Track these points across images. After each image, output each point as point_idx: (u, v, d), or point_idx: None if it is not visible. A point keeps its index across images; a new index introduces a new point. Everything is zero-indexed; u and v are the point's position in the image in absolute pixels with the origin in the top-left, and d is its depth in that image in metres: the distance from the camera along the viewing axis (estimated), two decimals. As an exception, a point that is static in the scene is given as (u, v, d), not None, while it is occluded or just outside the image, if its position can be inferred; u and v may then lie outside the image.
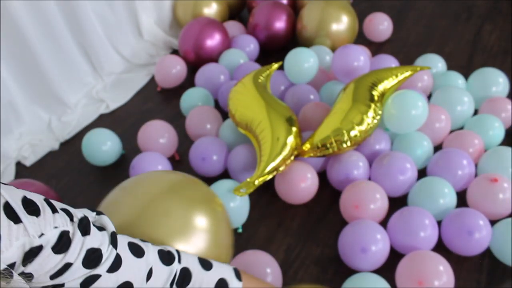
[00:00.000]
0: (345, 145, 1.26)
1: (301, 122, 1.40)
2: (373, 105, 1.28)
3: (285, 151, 1.23)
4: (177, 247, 0.76)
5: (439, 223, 1.13)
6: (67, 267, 0.56)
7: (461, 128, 1.40)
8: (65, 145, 1.67)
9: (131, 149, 1.55)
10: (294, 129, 1.27)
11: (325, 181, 1.33)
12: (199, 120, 1.49)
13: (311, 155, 1.28)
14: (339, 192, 1.27)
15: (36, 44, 1.62)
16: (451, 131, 1.36)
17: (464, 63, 1.72)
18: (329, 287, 1.07)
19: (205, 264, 0.74)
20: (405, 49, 1.85)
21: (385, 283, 1.00)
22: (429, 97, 1.53)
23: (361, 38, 1.91)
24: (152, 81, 1.91)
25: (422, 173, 1.28)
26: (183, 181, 0.90)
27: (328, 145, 1.25)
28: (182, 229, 0.80)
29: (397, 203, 1.22)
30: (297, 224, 1.27)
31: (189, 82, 1.81)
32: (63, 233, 0.56)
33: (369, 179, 1.29)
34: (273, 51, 1.92)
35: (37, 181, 1.31)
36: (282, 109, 1.31)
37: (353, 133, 1.25)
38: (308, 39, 1.82)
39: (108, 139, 1.49)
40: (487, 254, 1.11)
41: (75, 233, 0.57)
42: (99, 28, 1.85)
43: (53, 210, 0.57)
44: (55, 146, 1.65)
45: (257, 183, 1.20)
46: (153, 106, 1.79)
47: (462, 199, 1.20)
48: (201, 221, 0.83)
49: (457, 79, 1.50)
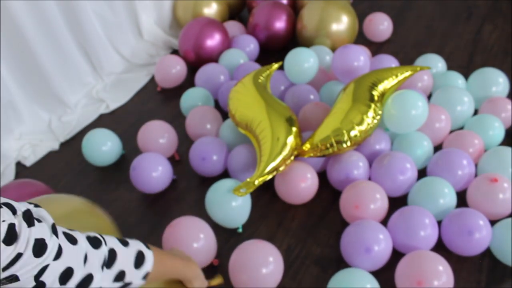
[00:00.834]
0: (345, 145, 1.25)
1: (301, 122, 1.40)
2: (373, 105, 1.28)
3: (285, 151, 1.23)
4: None
5: (439, 223, 1.13)
6: (18, 257, 0.59)
7: (461, 128, 1.40)
8: (65, 145, 1.67)
9: (131, 149, 1.55)
10: (294, 129, 1.26)
11: (325, 181, 1.33)
12: (199, 120, 1.49)
13: (311, 155, 1.28)
14: (339, 192, 1.27)
15: (36, 44, 1.62)
16: (451, 131, 1.36)
17: (464, 63, 1.72)
18: None
19: (123, 242, 0.79)
20: (405, 49, 1.85)
21: (371, 278, 1.01)
22: (429, 97, 1.53)
23: (361, 38, 1.91)
24: (152, 81, 1.91)
25: (422, 173, 1.28)
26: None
27: (328, 145, 1.25)
28: None
29: (397, 203, 1.22)
30: (297, 224, 1.27)
31: (189, 82, 1.81)
32: (10, 226, 0.59)
33: (369, 179, 1.29)
34: (273, 51, 1.92)
35: (37, 181, 1.31)
36: (282, 109, 1.31)
37: (353, 133, 1.25)
38: (308, 39, 1.82)
39: (108, 139, 1.49)
40: (487, 254, 1.11)
41: (21, 225, 0.61)
42: (99, 28, 1.85)
43: None
44: (55, 146, 1.65)
45: (257, 183, 1.20)
46: (153, 106, 1.79)
47: (462, 199, 1.20)
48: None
49: (457, 79, 1.50)
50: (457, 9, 2.02)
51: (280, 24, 1.88)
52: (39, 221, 0.65)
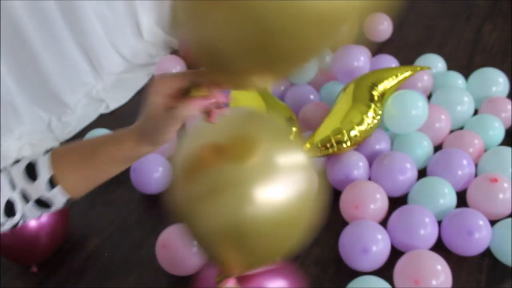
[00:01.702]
0: (345, 145, 1.25)
1: (301, 122, 1.40)
2: (373, 105, 1.28)
3: (285, 151, 1.23)
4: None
5: (439, 223, 1.13)
6: None
7: (461, 128, 1.40)
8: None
9: (131, 149, 1.55)
10: (294, 129, 1.26)
11: (325, 181, 1.33)
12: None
13: (311, 155, 1.28)
14: (339, 192, 1.27)
15: (36, 44, 1.62)
16: (451, 131, 1.36)
17: (464, 63, 1.72)
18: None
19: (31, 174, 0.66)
20: (405, 49, 1.84)
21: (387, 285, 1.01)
22: (429, 97, 1.53)
23: (361, 38, 1.91)
24: (152, 81, 1.91)
25: (422, 173, 1.28)
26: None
27: (328, 145, 1.25)
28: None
29: (397, 203, 1.22)
30: (297, 224, 1.27)
31: (189, 82, 1.81)
32: None
33: (369, 179, 1.29)
34: (273, 51, 1.92)
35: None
36: (282, 109, 1.31)
37: (353, 133, 1.25)
38: (308, 39, 1.81)
39: (108, 139, 1.49)
40: (487, 254, 1.11)
41: None
42: (99, 28, 1.85)
43: None
44: (55, 146, 1.65)
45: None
46: (153, 106, 1.79)
47: (462, 199, 1.20)
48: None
49: (457, 79, 1.50)
50: (457, 9, 2.02)
51: (280, 24, 1.88)
52: None
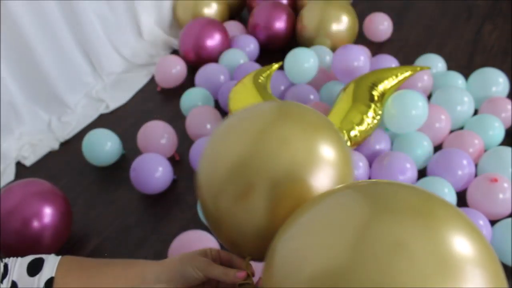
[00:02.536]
0: (345, 145, 1.25)
1: (301, 122, 1.40)
2: (373, 105, 1.28)
3: (285, 151, 1.23)
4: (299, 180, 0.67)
5: (439, 223, 1.13)
6: None
7: (461, 128, 1.40)
8: (65, 145, 1.67)
9: (131, 149, 1.55)
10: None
11: (325, 181, 1.33)
12: (199, 120, 1.49)
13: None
14: (339, 192, 1.27)
15: (36, 44, 1.62)
16: (451, 131, 1.36)
17: (464, 63, 1.72)
18: None
19: (34, 269, 0.66)
20: (405, 49, 1.85)
21: None
22: (429, 97, 1.53)
23: (361, 38, 1.91)
24: (152, 81, 1.91)
25: (422, 173, 1.28)
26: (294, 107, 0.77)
27: (328, 145, 1.25)
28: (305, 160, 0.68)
29: (397, 203, 1.22)
30: (297, 224, 1.27)
31: (189, 82, 1.81)
32: None
33: (369, 179, 1.29)
34: (273, 51, 1.92)
35: (43, 180, 1.30)
36: (282, 109, 1.31)
37: (353, 133, 1.25)
38: (308, 39, 1.82)
39: (108, 139, 1.49)
40: (487, 254, 1.11)
41: None
42: (99, 28, 1.85)
43: None
44: (55, 146, 1.65)
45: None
46: (153, 106, 1.79)
47: (462, 199, 1.20)
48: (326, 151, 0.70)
49: (457, 79, 1.50)
50: (457, 9, 2.02)
51: (280, 24, 1.88)
52: None
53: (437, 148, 1.35)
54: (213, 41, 1.82)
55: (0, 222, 1.13)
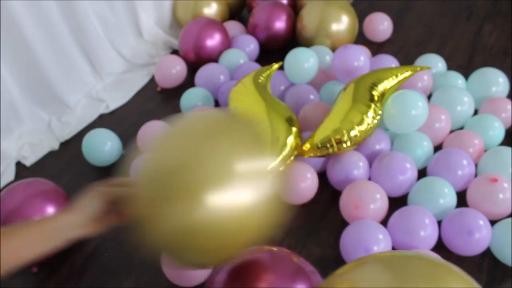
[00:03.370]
0: (345, 145, 1.26)
1: (301, 122, 1.40)
2: (373, 105, 1.28)
3: (285, 151, 1.23)
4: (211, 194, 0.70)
5: (439, 223, 1.13)
6: None
7: (461, 128, 1.40)
8: (65, 145, 1.67)
9: (131, 149, 1.55)
10: (294, 129, 1.26)
11: (325, 181, 1.33)
12: (199, 120, 1.49)
13: (311, 155, 1.28)
14: (339, 192, 1.27)
15: (36, 44, 1.62)
16: (451, 131, 1.36)
17: (464, 63, 1.72)
18: None
19: None
20: (405, 49, 1.85)
21: None
22: (429, 97, 1.53)
23: (361, 38, 1.91)
24: (152, 81, 1.91)
25: (422, 173, 1.28)
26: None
27: (328, 145, 1.25)
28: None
29: (397, 203, 1.22)
30: (297, 224, 1.27)
31: (189, 82, 1.81)
32: None
33: (369, 179, 1.29)
34: (273, 51, 1.92)
35: (46, 180, 1.30)
36: (282, 109, 1.31)
37: (353, 133, 1.25)
38: (308, 39, 1.82)
39: (108, 139, 1.49)
40: (487, 254, 1.11)
41: None
42: (99, 28, 1.85)
43: None
44: (55, 146, 1.65)
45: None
46: (153, 106, 1.79)
47: (462, 199, 1.20)
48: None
49: (457, 79, 1.50)
50: (457, 9, 2.02)
51: (280, 24, 1.88)
52: None
53: (437, 148, 1.35)
54: (213, 41, 1.82)
55: (2, 221, 1.14)
